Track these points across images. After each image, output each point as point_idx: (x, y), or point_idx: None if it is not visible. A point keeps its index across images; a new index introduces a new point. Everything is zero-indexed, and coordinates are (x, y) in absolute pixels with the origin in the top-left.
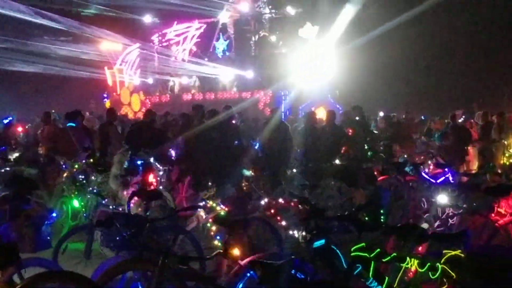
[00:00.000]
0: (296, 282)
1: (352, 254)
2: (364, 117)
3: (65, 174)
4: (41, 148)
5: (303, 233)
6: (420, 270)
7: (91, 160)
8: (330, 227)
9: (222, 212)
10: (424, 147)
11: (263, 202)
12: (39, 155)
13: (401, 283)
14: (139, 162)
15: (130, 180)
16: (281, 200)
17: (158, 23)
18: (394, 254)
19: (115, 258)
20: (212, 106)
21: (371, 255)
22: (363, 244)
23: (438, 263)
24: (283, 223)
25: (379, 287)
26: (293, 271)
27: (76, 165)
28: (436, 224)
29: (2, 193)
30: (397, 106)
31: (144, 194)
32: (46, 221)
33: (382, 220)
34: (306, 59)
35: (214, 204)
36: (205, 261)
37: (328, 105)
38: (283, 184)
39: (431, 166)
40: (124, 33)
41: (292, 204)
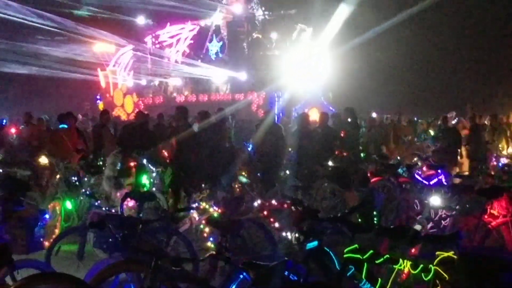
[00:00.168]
0: (289, 284)
1: (345, 255)
2: (356, 119)
3: (58, 176)
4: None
5: (296, 234)
6: (413, 271)
7: (84, 161)
8: (323, 228)
9: (215, 214)
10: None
11: (256, 203)
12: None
13: (394, 284)
14: (132, 163)
15: (123, 181)
16: (274, 202)
17: (152, 24)
18: (387, 255)
19: (108, 259)
20: (206, 108)
21: (364, 257)
22: (356, 245)
23: (431, 265)
24: (276, 224)
25: None
26: (286, 272)
27: (69, 167)
28: (429, 225)
29: None
30: (391, 108)
31: (137, 195)
32: (39, 223)
33: (375, 222)
34: (299, 61)
35: (207, 206)
36: (198, 262)
37: (321, 107)
38: (276, 185)
39: (424, 168)
40: (117, 35)
41: (285, 205)
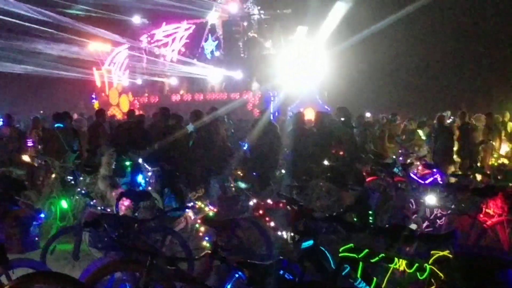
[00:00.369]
0: (284, 283)
1: (340, 254)
2: (349, 118)
3: (53, 175)
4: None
5: (292, 234)
6: (408, 270)
7: (80, 161)
8: (318, 227)
9: (211, 213)
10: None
11: (251, 203)
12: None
13: (389, 283)
14: (128, 163)
15: (119, 181)
16: (269, 201)
17: (147, 23)
18: (382, 254)
19: (103, 259)
20: (201, 107)
21: (359, 256)
22: (351, 244)
23: (426, 264)
24: (272, 224)
25: (367, 287)
26: (281, 271)
27: (65, 166)
28: (424, 224)
29: None
30: (387, 107)
31: (132, 195)
32: (34, 222)
33: (370, 221)
34: (295, 60)
35: (203, 205)
36: (193, 261)
37: (317, 106)
38: (272, 185)
39: (420, 167)
40: (113, 34)
41: (281, 205)
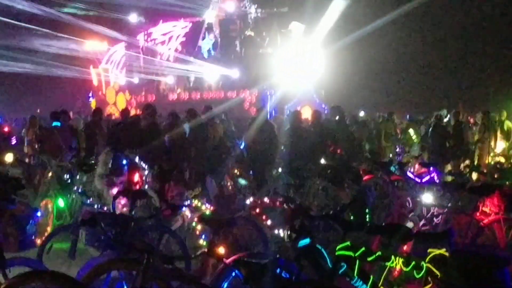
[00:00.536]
0: (281, 282)
1: (337, 253)
2: (343, 117)
3: (50, 174)
4: (26, 148)
5: (288, 232)
6: (405, 269)
7: (77, 159)
8: (315, 226)
9: (208, 212)
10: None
11: (248, 201)
12: (24, 154)
13: (386, 282)
14: (124, 161)
15: (116, 179)
16: (266, 200)
17: (144, 22)
18: (379, 253)
19: (100, 257)
20: (198, 106)
21: (356, 254)
22: (348, 243)
23: (423, 262)
24: (268, 222)
25: (364, 286)
26: (278, 270)
27: (61, 165)
28: (421, 223)
29: None
30: (384, 105)
31: (129, 193)
32: (31, 221)
33: (367, 219)
34: (292, 58)
35: (200, 204)
36: (190, 260)
37: (314, 105)
38: (269, 183)
39: (416, 166)
40: (109, 32)
41: (278, 203)
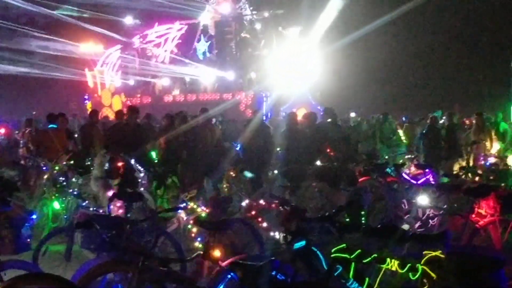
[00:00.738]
0: (277, 284)
1: (332, 255)
2: (336, 119)
3: (45, 176)
4: (21, 150)
5: (284, 234)
6: (400, 271)
7: (72, 162)
8: (310, 228)
9: (203, 214)
10: None
11: (244, 203)
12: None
13: (381, 284)
14: (120, 163)
15: (111, 182)
16: (262, 202)
17: (139, 24)
18: (375, 255)
19: (96, 260)
20: (194, 108)
21: (352, 256)
22: (344, 245)
23: (418, 264)
24: (264, 224)
25: None
26: (274, 272)
27: (57, 167)
28: (416, 225)
29: None
30: (380, 107)
31: (124, 196)
32: (26, 223)
33: (362, 221)
34: (288, 60)
35: (195, 206)
36: (185, 262)
37: (309, 107)
38: (264, 185)
39: (412, 168)
40: (105, 35)
41: (273, 205)
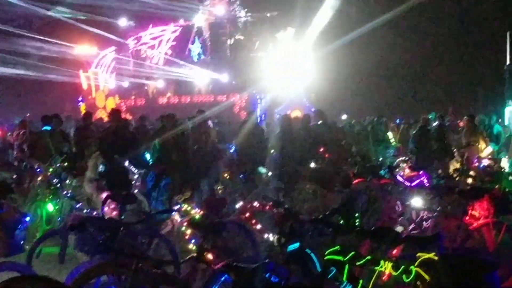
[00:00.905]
0: (270, 286)
1: (326, 257)
2: (326, 121)
3: (39, 178)
4: (15, 152)
5: (278, 236)
6: (394, 273)
7: (66, 163)
8: (304, 230)
9: (197, 216)
10: None
11: (238, 205)
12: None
13: (375, 286)
14: (114, 165)
15: (105, 184)
16: (256, 204)
17: (134, 26)
18: (368, 257)
19: (89, 262)
20: (188, 110)
21: (345, 258)
22: (338, 247)
23: (412, 266)
24: (258, 226)
25: None
26: (267, 274)
27: (51, 169)
28: (410, 227)
29: None
30: (373, 109)
31: (118, 198)
32: (20, 225)
33: (356, 223)
34: (282, 62)
35: (189, 208)
36: (179, 264)
37: (304, 108)
38: (259, 187)
39: (406, 170)
40: (99, 36)
41: (267, 207)
